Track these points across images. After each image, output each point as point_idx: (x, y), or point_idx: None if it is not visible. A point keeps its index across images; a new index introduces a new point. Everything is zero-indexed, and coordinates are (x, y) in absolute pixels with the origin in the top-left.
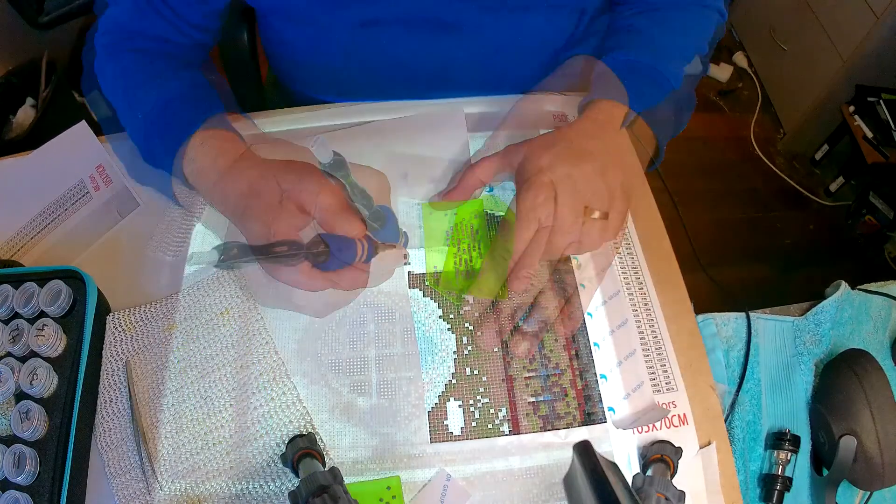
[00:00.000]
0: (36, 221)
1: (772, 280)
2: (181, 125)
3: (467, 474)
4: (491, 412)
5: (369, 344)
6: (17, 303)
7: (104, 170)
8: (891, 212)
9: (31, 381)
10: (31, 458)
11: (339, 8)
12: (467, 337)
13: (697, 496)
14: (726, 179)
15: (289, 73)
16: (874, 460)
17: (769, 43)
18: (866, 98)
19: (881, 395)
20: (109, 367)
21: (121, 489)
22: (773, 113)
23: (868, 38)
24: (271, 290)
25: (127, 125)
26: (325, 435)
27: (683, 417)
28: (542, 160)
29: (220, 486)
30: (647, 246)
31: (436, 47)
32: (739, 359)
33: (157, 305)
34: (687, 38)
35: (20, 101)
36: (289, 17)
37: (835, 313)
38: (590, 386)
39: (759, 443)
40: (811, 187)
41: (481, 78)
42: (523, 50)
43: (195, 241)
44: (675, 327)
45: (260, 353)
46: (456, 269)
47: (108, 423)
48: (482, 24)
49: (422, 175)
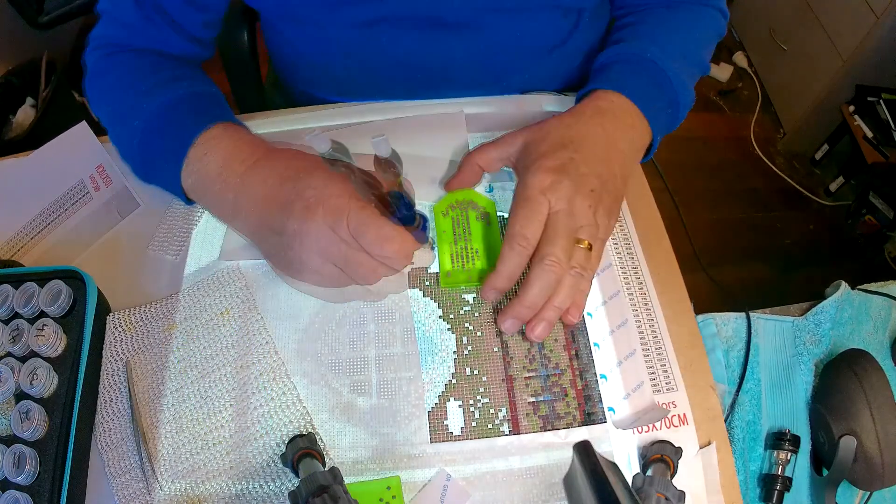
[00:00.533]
0: (36, 221)
1: (772, 280)
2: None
3: (467, 474)
4: (491, 412)
5: (369, 344)
6: (17, 303)
7: (104, 170)
8: (891, 212)
9: (31, 381)
10: (31, 458)
11: (340, 7)
12: (467, 337)
13: (697, 496)
14: (726, 179)
15: (290, 73)
16: (874, 460)
17: (769, 43)
18: (866, 98)
19: (881, 395)
20: (109, 367)
21: (121, 489)
22: (773, 113)
23: (868, 38)
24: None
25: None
26: (325, 435)
27: (683, 417)
28: (543, 146)
29: (220, 486)
30: (647, 246)
31: (436, 47)
32: (739, 359)
33: (157, 305)
34: (688, 35)
35: (20, 101)
36: (290, 17)
37: (835, 313)
38: (590, 386)
39: (759, 443)
40: (811, 187)
41: (481, 78)
42: (523, 49)
43: (195, 241)
44: (675, 327)
45: (260, 353)
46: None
47: (108, 423)
48: (482, 23)
49: (422, 175)
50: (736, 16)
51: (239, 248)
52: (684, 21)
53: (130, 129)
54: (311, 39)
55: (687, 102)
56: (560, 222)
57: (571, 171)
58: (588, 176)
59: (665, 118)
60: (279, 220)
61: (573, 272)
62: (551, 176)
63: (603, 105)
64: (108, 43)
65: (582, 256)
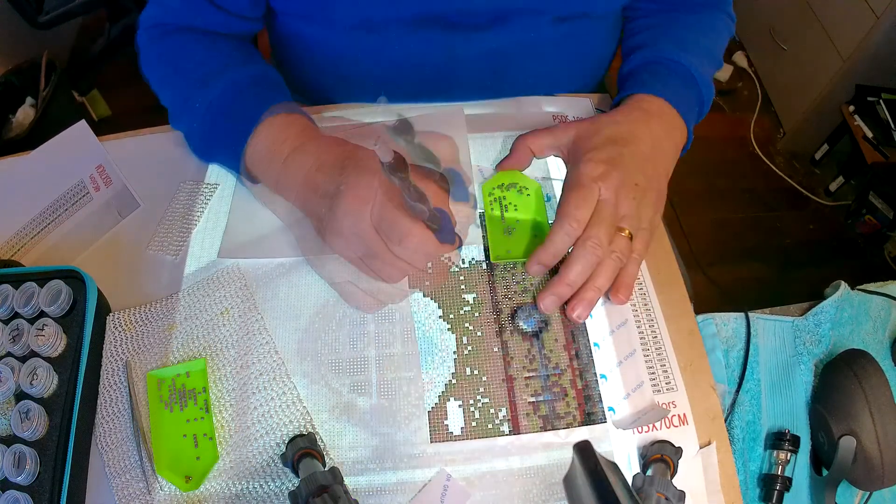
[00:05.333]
0: (36, 221)
1: (772, 280)
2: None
3: (467, 474)
4: (491, 412)
5: (369, 344)
6: (17, 303)
7: (104, 170)
8: (891, 212)
9: (31, 381)
10: (31, 458)
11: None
12: (467, 337)
13: (697, 496)
14: (726, 179)
15: (294, 71)
16: (874, 460)
17: (769, 43)
18: (866, 98)
19: (881, 395)
20: (109, 367)
21: (121, 489)
22: (773, 113)
23: (868, 38)
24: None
25: (179, 122)
26: (325, 435)
27: (683, 417)
28: (596, 139)
29: (220, 486)
30: None
31: (446, 48)
32: (739, 359)
33: (157, 305)
34: (707, 38)
35: (20, 100)
36: (302, 15)
37: (834, 313)
38: (590, 386)
39: (759, 443)
40: (811, 187)
41: (487, 81)
42: (530, 54)
43: (195, 241)
44: (675, 327)
45: (260, 353)
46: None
47: (108, 423)
48: (489, 26)
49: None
50: (736, 15)
51: (238, 245)
52: (703, 25)
53: (191, 113)
54: (322, 39)
55: (710, 99)
56: (606, 210)
57: (620, 164)
58: (634, 171)
59: (694, 115)
60: (313, 203)
61: (614, 257)
62: (602, 167)
63: (647, 107)
64: (158, 23)
65: (623, 244)
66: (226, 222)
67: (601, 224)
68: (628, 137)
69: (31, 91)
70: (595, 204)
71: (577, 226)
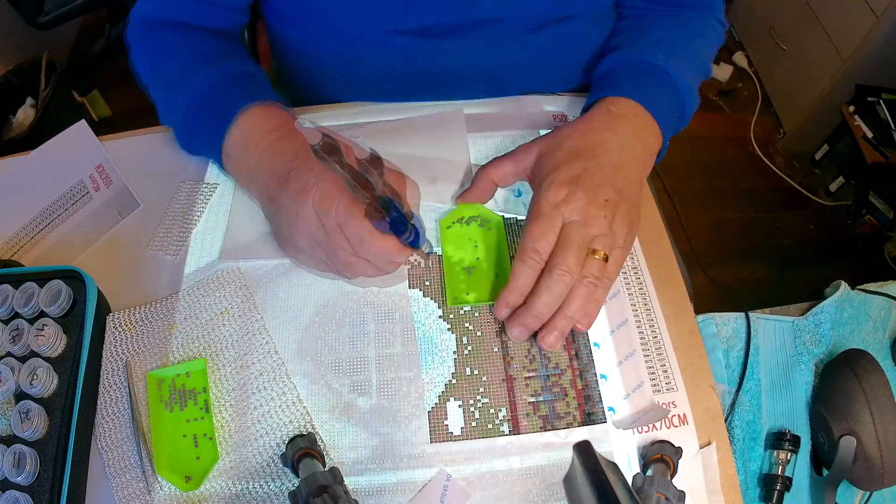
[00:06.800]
0: (36, 221)
1: (772, 280)
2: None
3: (467, 474)
4: (491, 412)
5: (369, 344)
6: (17, 303)
7: (104, 170)
8: (891, 212)
9: (31, 381)
10: (31, 458)
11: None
12: (467, 337)
13: (697, 496)
14: (726, 179)
15: (295, 72)
16: (874, 460)
17: (769, 43)
18: (866, 98)
19: (881, 395)
20: (109, 367)
21: (121, 489)
22: (773, 113)
23: (868, 38)
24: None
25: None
26: (325, 435)
27: (683, 417)
28: (558, 156)
29: (220, 486)
30: (647, 246)
31: (448, 53)
32: (739, 359)
33: (157, 305)
34: (692, 42)
35: (20, 100)
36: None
37: (835, 313)
38: (590, 386)
39: (759, 443)
40: (811, 187)
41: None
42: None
43: (195, 241)
44: (675, 327)
45: (260, 353)
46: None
47: (108, 423)
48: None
49: (421, 176)
50: (736, 16)
51: (239, 247)
52: (688, 28)
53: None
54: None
55: (692, 105)
56: (573, 233)
57: (585, 182)
58: (603, 186)
59: (673, 121)
60: (277, 195)
61: (586, 282)
62: (565, 189)
63: (615, 110)
64: (146, 19)
65: (596, 267)
66: (226, 224)
67: (568, 250)
68: (593, 148)
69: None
70: (559, 231)
71: (539, 257)
